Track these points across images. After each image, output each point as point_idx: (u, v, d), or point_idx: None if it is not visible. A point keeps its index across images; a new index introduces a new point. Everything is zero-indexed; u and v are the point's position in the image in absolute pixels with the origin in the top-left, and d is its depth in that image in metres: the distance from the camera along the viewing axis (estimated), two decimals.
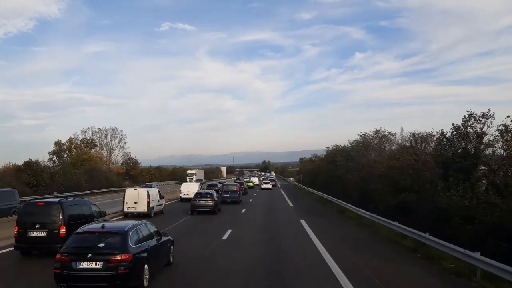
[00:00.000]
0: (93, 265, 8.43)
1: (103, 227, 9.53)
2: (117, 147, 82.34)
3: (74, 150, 69.24)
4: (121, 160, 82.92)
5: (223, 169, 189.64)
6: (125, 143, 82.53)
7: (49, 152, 65.83)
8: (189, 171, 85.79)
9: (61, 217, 12.64)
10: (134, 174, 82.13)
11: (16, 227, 12.82)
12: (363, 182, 29.50)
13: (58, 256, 8.61)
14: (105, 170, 66.04)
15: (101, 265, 8.41)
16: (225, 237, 17.32)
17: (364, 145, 36.34)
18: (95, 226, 10.05)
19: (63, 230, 12.32)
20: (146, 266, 9.26)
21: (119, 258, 8.49)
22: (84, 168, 59.35)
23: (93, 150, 74.15)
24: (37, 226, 12.55)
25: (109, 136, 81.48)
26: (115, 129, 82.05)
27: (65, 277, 8.42)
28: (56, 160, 64.61)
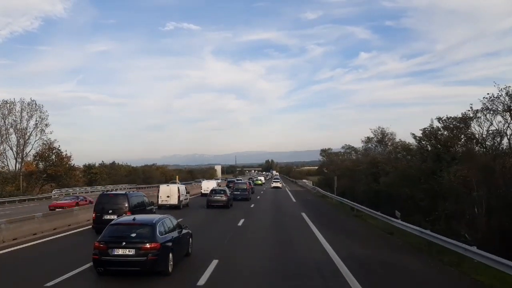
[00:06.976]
0: (126, 252, 9.63)
1: (134, 219, 10.74)
2: (33, 130, 52.40)
3: None
4: (38, 151, 53.51)
5: (218, 168, 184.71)
6: (46, 125, 52.76)
7: None
8: None
9: (127, 205, 17.00)
10: (53, 172, 52.33)
11: (94, 212, 17.12)
12: None
13: (96, 244, 9.82)
14: None
15: (134, 252, 9.61)
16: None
17: None
18: (127, 218, 11.31)
19: (128, 215, 14.40)
20: (170, 255, 10.45)
21: (148, 246, 9.69)
22: None
23: None
24: (110, 211, 16.54)
25: (23, 113, 51.43)
26: (32, 104, 51.86)
27: (103, 262, 9.65)
28: None
